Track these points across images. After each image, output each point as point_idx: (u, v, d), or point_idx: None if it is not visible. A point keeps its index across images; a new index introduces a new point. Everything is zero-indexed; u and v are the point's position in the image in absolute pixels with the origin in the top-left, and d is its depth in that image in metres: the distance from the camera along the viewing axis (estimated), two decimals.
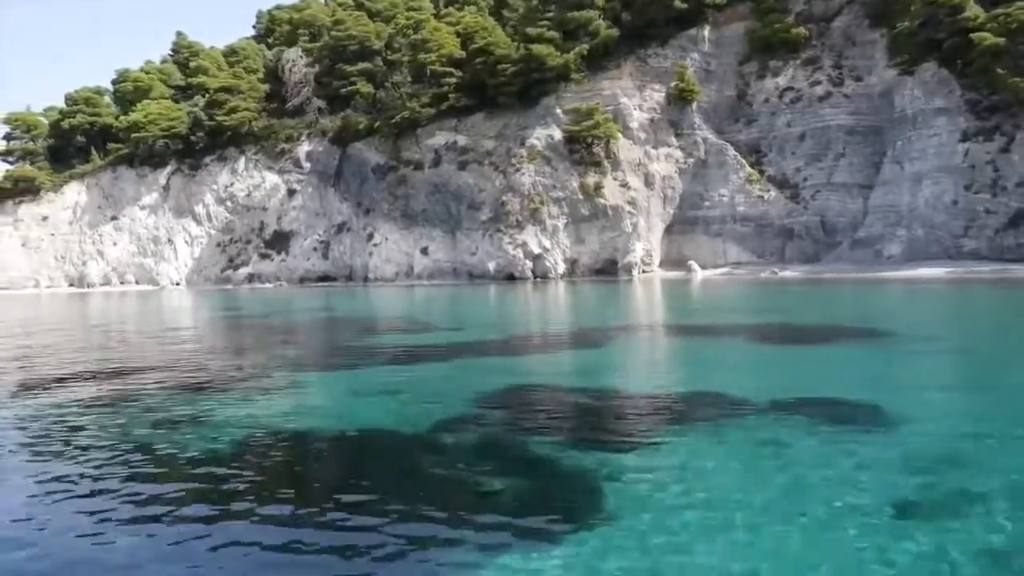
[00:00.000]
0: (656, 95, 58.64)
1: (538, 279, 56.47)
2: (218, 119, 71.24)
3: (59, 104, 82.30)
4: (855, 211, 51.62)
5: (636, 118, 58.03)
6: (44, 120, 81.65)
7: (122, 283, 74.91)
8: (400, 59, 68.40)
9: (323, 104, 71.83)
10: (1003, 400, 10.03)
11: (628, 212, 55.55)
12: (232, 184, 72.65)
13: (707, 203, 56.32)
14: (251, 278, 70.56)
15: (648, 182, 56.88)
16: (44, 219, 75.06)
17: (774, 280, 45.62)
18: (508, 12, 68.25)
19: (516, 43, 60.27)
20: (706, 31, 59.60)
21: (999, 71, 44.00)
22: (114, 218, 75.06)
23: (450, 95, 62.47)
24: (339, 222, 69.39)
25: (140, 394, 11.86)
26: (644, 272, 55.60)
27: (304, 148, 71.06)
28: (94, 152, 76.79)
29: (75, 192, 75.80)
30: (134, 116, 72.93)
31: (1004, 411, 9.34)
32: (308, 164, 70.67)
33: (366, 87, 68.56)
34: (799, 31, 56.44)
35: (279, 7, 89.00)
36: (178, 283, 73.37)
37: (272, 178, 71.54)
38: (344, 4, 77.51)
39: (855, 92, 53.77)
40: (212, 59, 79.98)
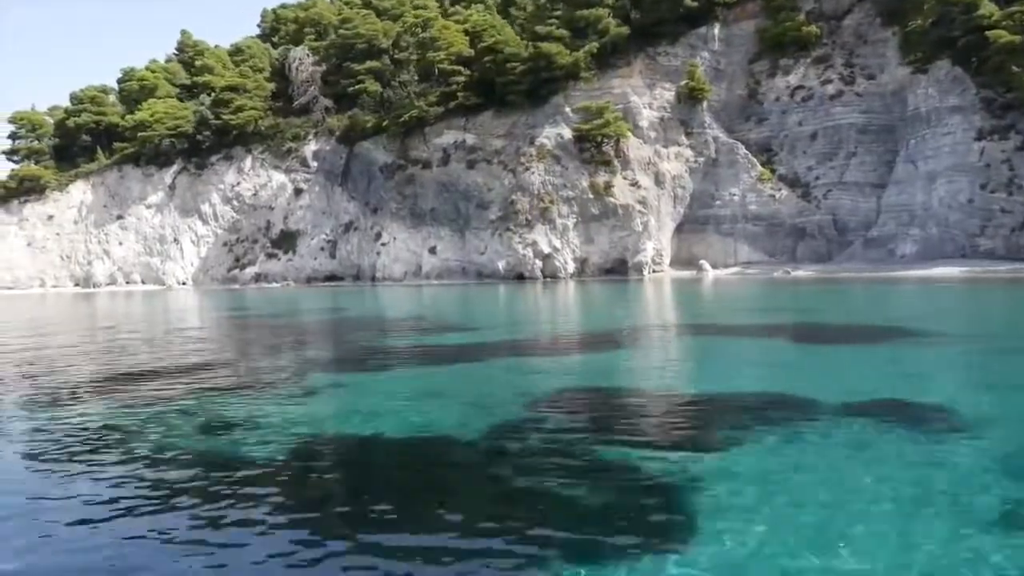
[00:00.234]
0: (666, 94, 58.35)
1: (548, 279, 56.18)
2: (224, 118, 70.88)
3: (64, 103, 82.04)
4: (867, 210, 51.35)
5: (646, 117, 57.76)
6: (49, 119, 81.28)
7: (128, 283, 74.58)
8: (408, 57, 68.12)
9: (330, 103, 71.48)
10: None
11: (638, 211, 55.27)
12: (238, 183, 72.33)
13: (718, 202, 56.06)
14: (258, 278, 70.25)
15: (658, 181, 56.60)
16: (49, 218, 74.74)
17: (787, 280, 45.30)
18: (515, 10, 68.00)
19: (525, 41, 60.00)
20: (716, 29, 59.38)
21: (1014, 69, 43.74)
22: (120, 217, 74.74)
23: (459, 94, 62.20)
24: (346, 221, 69.07)
25: (181, 397, 11.57)
26: (654, 272, 55.32)
27: (311, 147, 70.74)
28: (99, 151, 76.44)
29: (80, 191, 75.46)
30: (140, 115, 72.58)
31: None
32: (315, 163, 70.33)
33: (373, 86, 68.23)
34: (810, 29, 56.16)
35: (284, 6, 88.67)
36: (184, 283, 73.05)
37: (279, 177, 71.22)
38: (351, 3, 77.15)
39: (867, 90, 53.51)
40: (217, 58, 79.64)
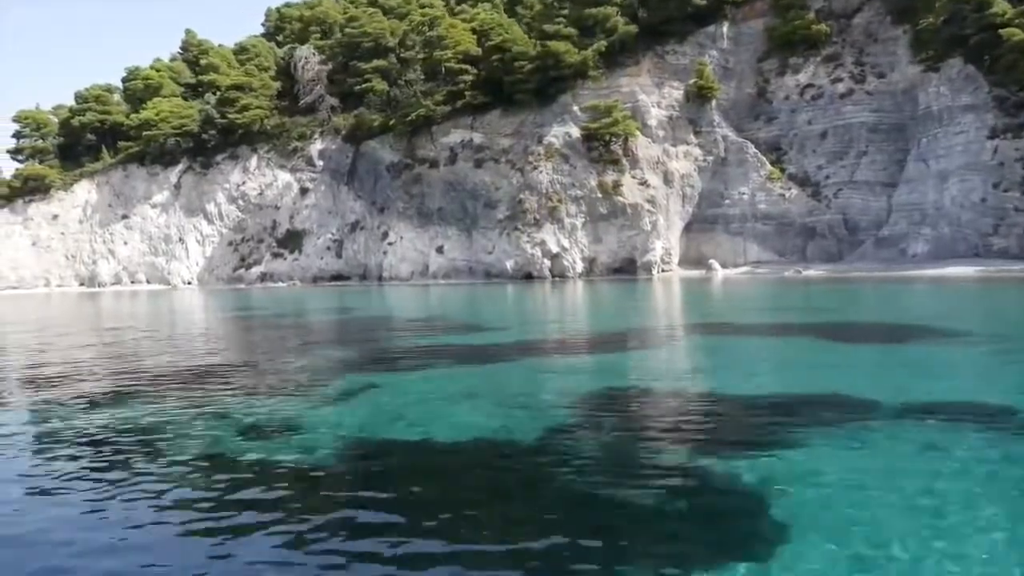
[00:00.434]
0: (675, 92, 58.10)
1: (556, 278, 55.94)
2: (230, 117, 70.65)
3: (69, 102, 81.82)
4: (878, 209, 51.10)
5: (654, 116, 57.51)
6: (54, 118, 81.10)
7: (133, 282, 74.36)
8: (414, 56, 67.86)
9: (336, 102, 71.22)
10: None
11: (647, 210, 55.02)
12: (244, 182, 72.08)
13: (727, 201, 55.82)
14: (264, 277, 70.00)
15: (667, 180, 56.36)
16: (54, 218, 74.53)
17: (798, 279, 45.00)
18: (522, 9, 67.67)
19: (533, 40, 59.74)
20: (725, 28, 59.12)
21: None
22: (125, 217, 74.51)
23: (466, 92, 61.94)
24: (352, 221, 68.80)
25: (216, 400, 11.32)
26: (663, 271, 55.08)
27: (317, 146, 70.48)
28: (104, 150, 76.24)
29: (85, 191, 75.24)
30: (145, 114, 72.36)
31: None
32: (321, 162, 70.07)
33: (380, 85, 67.97)
34: (820, 28, 55.88)
35: (288, 5, 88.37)
36: (189, 282, 72.80)
37: (284, 176, 70.97)
38: (357, 1, 76.86)
39: (877, 89, 53.24)
40: (222, 57, 79.37)
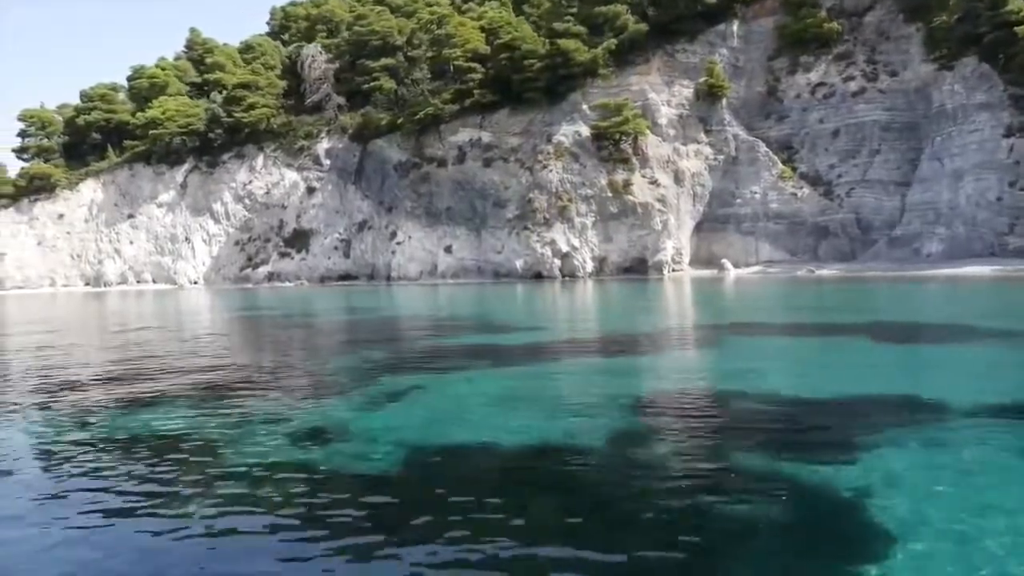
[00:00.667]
0: (685, 91, 57.82)
1: (566, 278, 55.67)
2: (236, 116, 70.39)
3: (74, 101, 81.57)
4: (891, 209, 50.81)
5: (665, 114, 57.24)
6: (59, 117, 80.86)
7: (139, 282, 74.08)
8: (422, 55, 67.56)
9: (343, 100, 70.97)
10: None
11: (658, 210, 54.73)
12: (250, 182, 71.81)
13: (738, 200, 55.53)
14: (271, 277, 69.73)
15: (678, 179, 56.07)
16: (60, 217, 74.25)
17: (812, 279, 44.71)
18: (529, 7, 67.38)
19: (542, 38, 59.45)
20: (735, 26, 58.84)
21: None
22: (131, 216, 74.24)
23: (474, 91, 61.64)
24: (360, 220, 68.51)
25: (259, 406, 11.04)
26: (674, 271, 54.79)
27: (323, 145, 70.21)
28: (110, 149, 76.01)
29: (91, 190, 74.99)
30: (151, 113, 72.10)
31: None
32: (328, 161, 69.80)
33: (387, 83, 67.70)
34: (831, 26, 55.58)
35: (294, 3, 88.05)
36: (196, 282, 72.53)
37: (291, 175, 70.70)
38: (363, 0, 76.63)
39: (890, 87, 52.94)
40: (228, 56, 79.13)
